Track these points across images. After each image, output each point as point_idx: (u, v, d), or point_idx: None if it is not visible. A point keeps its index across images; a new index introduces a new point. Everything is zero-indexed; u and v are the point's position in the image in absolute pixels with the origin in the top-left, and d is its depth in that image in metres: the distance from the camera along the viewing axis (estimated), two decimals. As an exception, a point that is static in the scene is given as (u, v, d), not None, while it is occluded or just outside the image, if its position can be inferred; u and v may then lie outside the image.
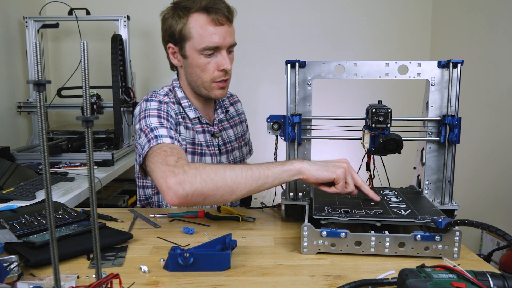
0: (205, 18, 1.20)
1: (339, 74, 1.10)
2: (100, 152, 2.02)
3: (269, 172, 0.98)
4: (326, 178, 0.99)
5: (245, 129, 1.54)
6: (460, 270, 0.65)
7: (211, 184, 0.95)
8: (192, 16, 1.21)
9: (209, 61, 1.23)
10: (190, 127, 1.32)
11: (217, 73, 1.24)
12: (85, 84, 0.53)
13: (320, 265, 0.87)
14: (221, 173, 0.97)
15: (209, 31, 1.19)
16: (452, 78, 1.06)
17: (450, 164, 1.09)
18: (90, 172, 0.56)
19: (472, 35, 2.36)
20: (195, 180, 0.95)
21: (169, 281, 0.80)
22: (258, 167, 0.99)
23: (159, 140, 1.11)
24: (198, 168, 0.98)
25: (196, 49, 1.22)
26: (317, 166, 1.00)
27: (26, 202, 1.29)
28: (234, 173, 0.97)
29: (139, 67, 2.69)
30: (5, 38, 2.23)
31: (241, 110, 1.54)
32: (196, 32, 1.20)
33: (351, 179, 1.01)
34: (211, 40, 1.20)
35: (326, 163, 1.01)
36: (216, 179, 0.96)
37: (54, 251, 0.56)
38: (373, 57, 2.83)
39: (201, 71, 1.24)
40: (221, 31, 1.20)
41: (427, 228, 0.92)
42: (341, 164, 1.01)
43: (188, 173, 0.96)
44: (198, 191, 0.95)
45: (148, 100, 1.27)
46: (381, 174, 1.18)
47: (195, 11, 1.20)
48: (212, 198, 0.96)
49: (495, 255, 1.42)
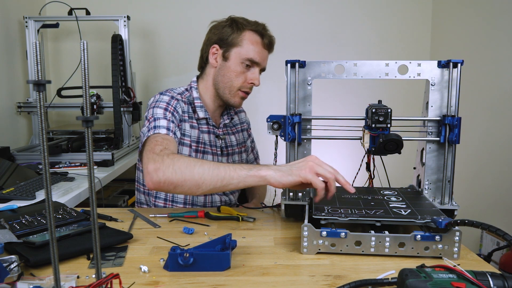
0: (258, 38, 1.38)
1: (339, 74, 1.10)
2: (100, 152, 2.02)
3: (235, 174, 1.03)
4: (292, 182, 0.99)
5: (246, 137, 1.63)
6: (460, 270, 0.65)
7: (180, 176, 1.04)
8: (247, 32, 1.38)
9: (244, 72, 1.38)
10: (196, 126, 1.40)
11: (246, 84, 1.40)
12: (85, 84, 0.53)
13: (320, 265, 0.87)
14: (191, 167, 1.04)
15: (258, 48, 1.38)
16: (452, 78, 1.06)
17: (450, 164, 1.09)
18: (90, 172, 0.56)
19: (472, 35, 2.36)
20: (168, 169, 1.05)
21: (169, 281, 0.80)
22: (226, 168, 1.04)
23: (156, 130, 1.23)
24: (173, 158, 1.07)
25: (240, 56, 1.37)
26: (282, 172, 1.00)
27: (26, 202, 1.29)
28: (202, 170, 1.04)
29: (139, 67, 2.69)
30: (5, 38, 2.23)
31: (244, 119, 1.64)
32: (246, 43, 1.37)
33: (323, 170, 0.98)
34: (256, 55, 1.37)
35: (290, 167, 1.01)
36: (186, 172, 1.04)
37: (54, 251, 0.56)
38: (373, 57, 2.83)
39: (235, 76, 1.38)
40: (264, 54, 1.40)
41: (427, 228, 0.92)
42: (305, 163, 1.00)
43: (164, 162, 1.06)
44: (168, 180, 1.04)
45: (162, 93, 1.37)
46: (381, 174, 1.18)
47: (250, 29, 1.38)
48: (181, 188, 1.05)
49: (495, 255, 1.42)
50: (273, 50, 1.44)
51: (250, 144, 1.67)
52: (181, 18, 2.75)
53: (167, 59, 2.77)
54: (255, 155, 1.71)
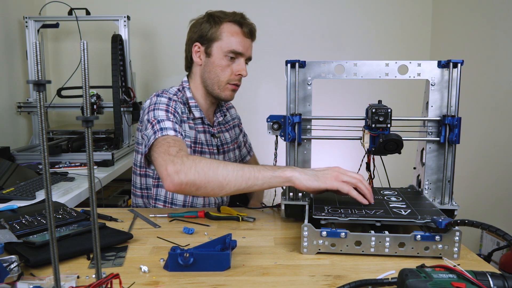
0: (237, 28, 1.36)
1: (339, 74, 1.10)
2: (100, 152, 2.02)
3: (260, 175, 1.02)
4: (317, 188, 1.01)
5: (237, 132, 1.63)
6: (460, 270, 0.65)
7: (203, 177, 1.01)
8: (225, 24, 1.36)
9: (229, 64, 1.36)
10: (193, 127, 1.40)
11: (234, 76, 1.37)
12: (85, 84, 0.53)
13: (320, 265, 0.87)
14: (214, 168, 1.02)
15: (238, 38, 1.35)
16: (452, 78, 1.06)
17: (450, 164, 1.09)
18: (90, 172, 0.56)
19: (472, 35, 2.36)
20: (190, 171, 1.02)
21: (169, 281, 0.80)
22: (250, 169, 1.03)
23: (164, 132, 1.18)
24: (195, 160, 1.04)
25: (222, 50, 1.35)
26: (308, 176, 1.01)
27: (26, 202, 1.29)
28: (226, 171, 1.02)
29: (139, 67, 2.69)
30: (5, 38, 2.23)
31: (234, 115, 1.64)
32: (226, 36, 1.35)
33: (347, 177, 1.02)
34: (238, 46, 1.35)
35: (316, 173, 1.03)
36: (209, 173, 1.02)
37: (54, 251, 0.56)
38: (373, 57, 2.83)
39: (221, 71, 1.36)
40: (246, 43, 1.37)
41: (427, 228, 0.92)
42: (331, 172, 1.03)
43: (185, 164, 1.03)
44: (191, 182, 1.01)
45: (159, 95, 1.34)
46: (381, 174, 1.18)
47: (228, 21, 1.36)
48: (204, 190, 1.03)
49: (495, 255, 1.42)
50: (255, 38, 1.42)
51: (242, 138, 1.66)
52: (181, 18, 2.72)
53: (167, 59, 2.77)
54: (248, 148, 1.69)
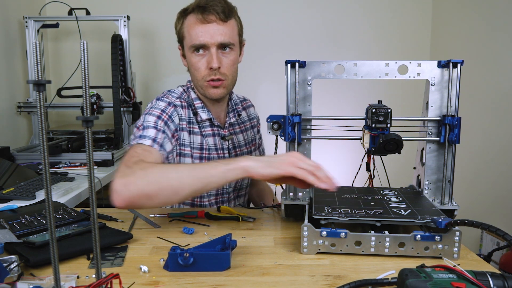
0: (196, 17, 1.20)
1: (339, 74, 1.10)
2: (100, 152, 2.02)
3: (214, 171, 0.96)
4: (273, 175, 0.95)
5: (255, 134, 1.52)
6: (460, 270, 0.65)
7: (155, 185, 0.94)
8: (188, 17, 1.23)
9: (200, 60, 1.23)
10: (198, 132, 1.30)
11: (207, 71, 1.23)
12: (85, 84, 0.53)
13: (320, 265, 0.87)
14: (166, 173, 0.96)
15: (196, 30, 1.20)
16: (452, 78, 1.06)
17: (450, 164, 1.09)
18: (90, 172, 0.56)
19: (472, 35, 2.36)
20: (141, 181, 0.94)
21: (169, 281, 0.80)
22: (204, 166, 0.98)
23: (141, 140, 1.14)
24: (147, 169, 0.98)
25: (188, 47, 1.24)
26: (263, 163, 0.95)
27: (26, 202, 1.29)
28: (179, 174, 0.96)
29: (139, 67, 2.69)
30: (5, 38, 2.23)
31: (253, 115, 1.53)
32: (187, 31, 1.23)
33: (304, 164, 0.94)
34: (198, 38, 1.20)
35: (271, 159, 0.97)
36: (161, 180, 0.95)
37: (54, 251, 0.56)
38: (373, 57, 2.83)
39: (194, 70, 1.25)
40: (209, 29, 1.19)
41: (427, 228, 0.92)
42: (286, 157, 0.96)
43: (136, 174, 0.96)
44: (142, 192, 0.94)
45: (159, 99, 1.27)
46: (381, 174, 1.18)
47: (190, 12, 1.23)
48: (157, 199, 0.95)
49: (495, 255, 1.42)
50: (228, 16, 1.21)
51: (258, 141, 1.55)
52: (181, 18, 2.74)
53: (167, 59, 2.77)
54: (261, 153, 1.59)
